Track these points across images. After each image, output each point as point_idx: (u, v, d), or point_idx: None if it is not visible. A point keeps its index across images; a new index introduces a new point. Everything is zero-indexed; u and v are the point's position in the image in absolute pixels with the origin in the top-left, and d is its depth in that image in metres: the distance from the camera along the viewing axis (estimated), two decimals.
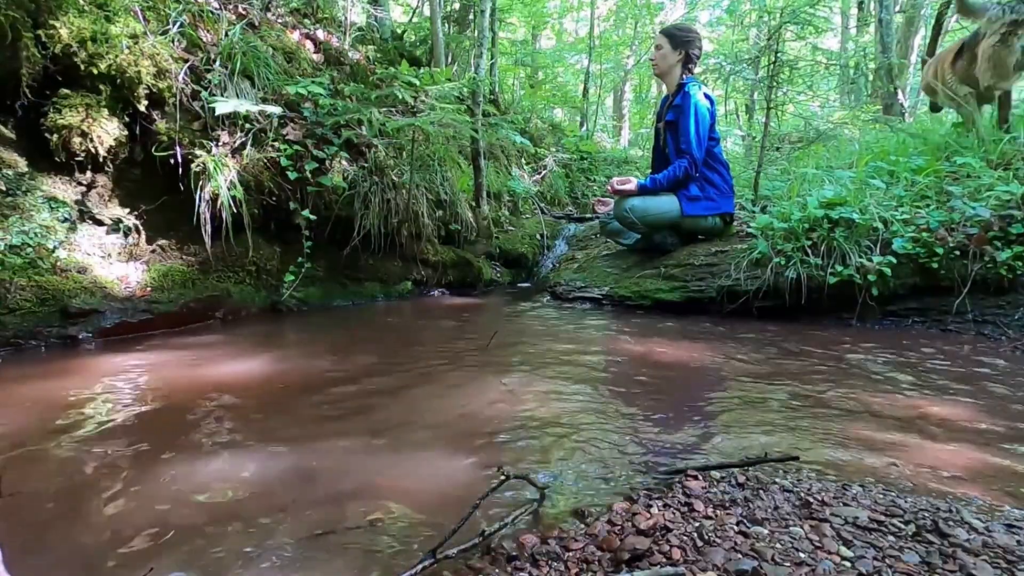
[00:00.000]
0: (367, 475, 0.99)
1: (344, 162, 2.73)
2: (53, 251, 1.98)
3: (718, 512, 0.80)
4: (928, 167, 2.67)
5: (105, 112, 2.10)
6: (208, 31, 2.47)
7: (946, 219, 2.29)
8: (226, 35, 2.47)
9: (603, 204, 3.33)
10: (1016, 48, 2.59)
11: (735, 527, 0.75)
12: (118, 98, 2.14)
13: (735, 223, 2.97)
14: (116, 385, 1.46)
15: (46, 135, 2.03)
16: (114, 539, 0.79)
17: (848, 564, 0.66)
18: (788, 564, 0.66)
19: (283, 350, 1.92)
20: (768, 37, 3.28)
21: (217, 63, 2.41)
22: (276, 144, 2.49)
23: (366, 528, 0.81)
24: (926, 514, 0.78)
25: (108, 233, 2.18)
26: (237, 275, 2.43)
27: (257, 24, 2.74)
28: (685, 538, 0.73)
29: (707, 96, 2.82)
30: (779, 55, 3.27)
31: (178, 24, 2.34)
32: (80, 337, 1.93)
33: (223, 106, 2.20)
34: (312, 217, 2.55)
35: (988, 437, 1.15)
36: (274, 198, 2.48)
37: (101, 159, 2.11)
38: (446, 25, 5.04)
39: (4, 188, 1.93)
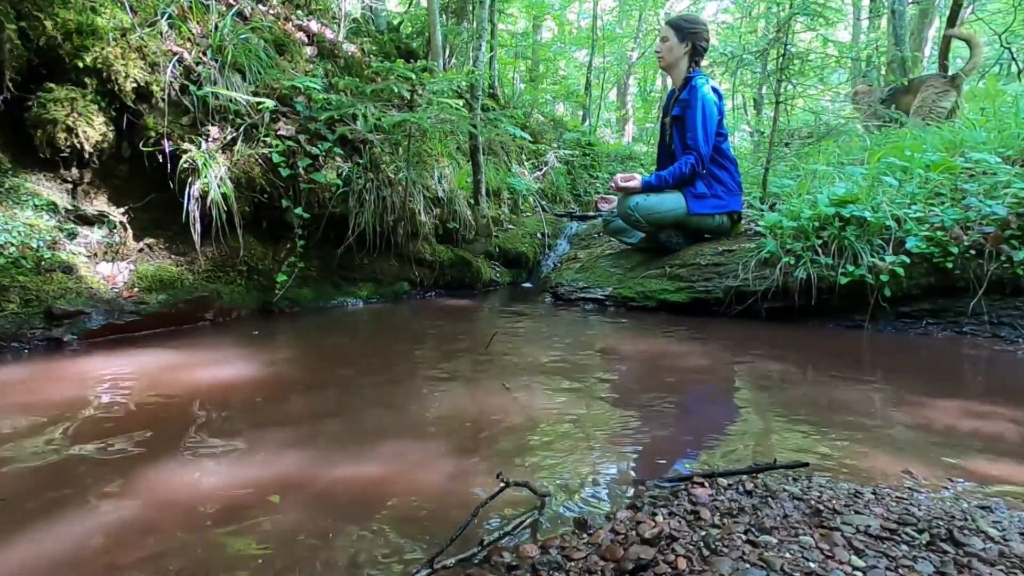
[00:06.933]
0: (361, 481, 0.95)
1: (338, 158, 2.66)
2: (37, 250, 1.92)
3: (725, 520, 0.78)
4: (942, 163, 2.59)
5: (91, 107, 2.04)
6: (198, 23, 2.39)
7: (961, 217, 2.22)
8: (216, 27, 2.39)
9: (606, 202, 3.27)
10: None
11: (743, 536, 0.73)
12: (104, 92, 2.08)
13: (743, 221, 2.90)
14: (100, 389, 1.41)
15: (30, 130, 1.97)
16: (99, 546, 0.76)
17: (860, 574, 0.65)
18: (798, 574, 0.65)
19: (275, 353, 1.87)
20: (777, 29, 3.19)
21: (207, 56, 2.34)
22: (268, 140, 2.42)
23: (361, 536, 0.78)
24: (940, 523, 0.75)
25: (94, 232, 2.12)
26: (228, 275, 2.37)
27: (248, 15, 2.67)
28: (691, 547, 0.71)
29: (715, 90, 2.73)
30: (788, 47, 3.18)
31: (166, 16, 2.27)
32: (65, 339, 1.87)
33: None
34: (305, 215, 2.49)
35: (1007, 445, 1.10)
36: (266, 195, 2.41)
37: (87, 155, 2.05)
38: (444, 16, 4.95)
39: None
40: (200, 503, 0.88)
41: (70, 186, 2.11)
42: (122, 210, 2.19)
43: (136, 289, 2.08)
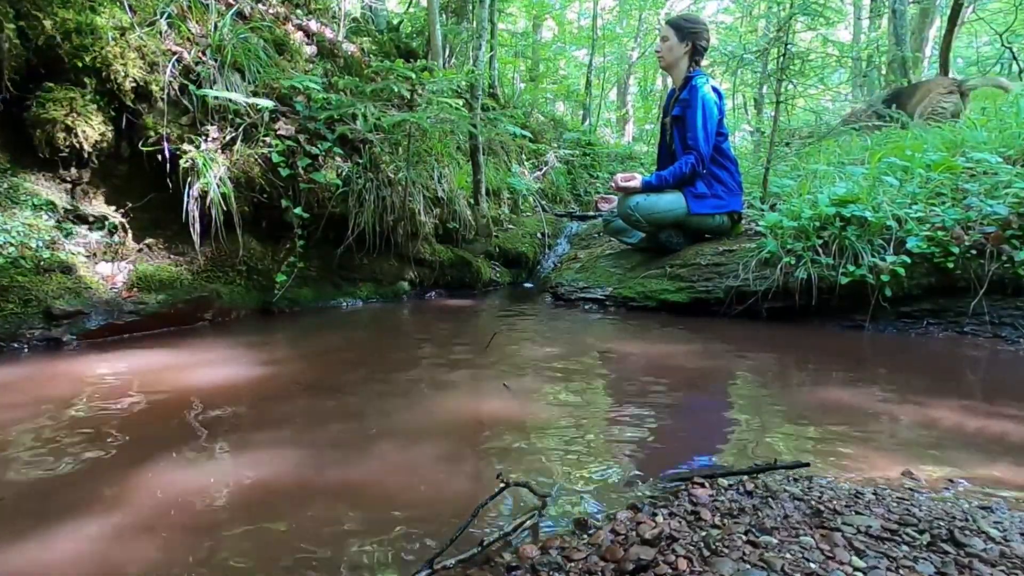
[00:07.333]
0: (360, 481, 0.95)
1: (338, 158, 2.66)
2: (36, 250, 1.92)
3: (726, 521, 0.78)
4: (943, 163, 2.58)
5: (90, 106, 2.04)
6: (197, 22, 2.39)
7: (962, 217, 2.21)
8: (215, 27, 2.39)
9: (606, 201, 3.26)
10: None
11: (743, 536, 0.73)
12: (103, 92, 2.08)
13: (743, 221, 2.90)
14: (99, 389, 1.41)
15: (29, 130, 1.97)
16: (96, 546, 0.76)
17: (860, 575, 0.65)
18: (798, 575, 0.64)
19: (274, 354, 1.86)
20: (777, 28, 3.18)
21: (207, 55, 2.33)
22: (267, 139, 2.42)
23: (360, 538, 0.78)
24: (941, 523, 0.75)
25: (93, 232, 2.12)
26: (227, 275, 2.37)
27: (248, 15, 2.66)
28: (691, 548, 0.71)
29: (715, 90, 2.73)
30: (789, 47, 3.17)
31: (166, 15, 2.27)
32: (64, 339, 1.87)
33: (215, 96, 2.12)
34: (305, 215, 2.48)
35: (1008, 445, 1.10)
36: (265, 195, 2.41)
37: (86, 155, 2.05)
38: (444, 16, 4.94)
39: None
40: (198, 504, 0.87)
41: (69, 186, 2.10)
42: (121, 210, 2.19)
43: (135, 289, 2.08)
